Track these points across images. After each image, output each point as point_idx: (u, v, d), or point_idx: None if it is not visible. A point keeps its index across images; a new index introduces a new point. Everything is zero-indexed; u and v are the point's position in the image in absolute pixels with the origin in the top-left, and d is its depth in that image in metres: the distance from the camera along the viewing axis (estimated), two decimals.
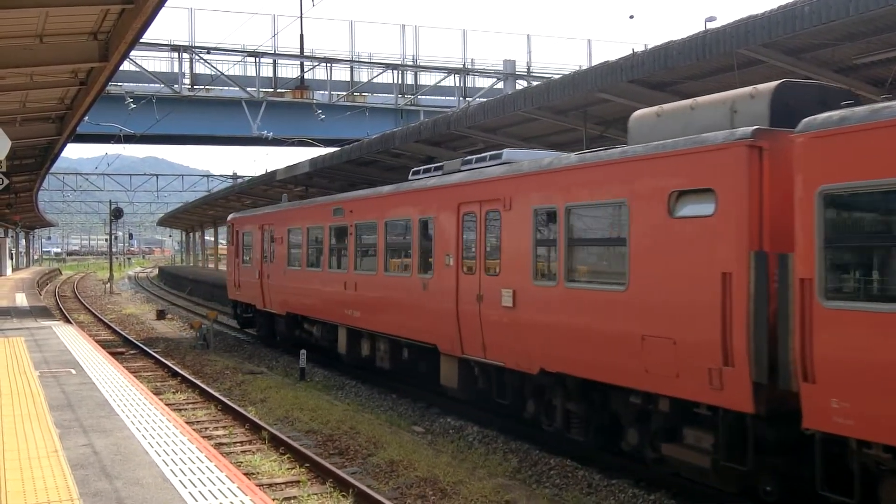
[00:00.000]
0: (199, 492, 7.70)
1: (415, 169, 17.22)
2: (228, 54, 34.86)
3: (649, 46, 14.58)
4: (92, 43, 16.38)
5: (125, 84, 35.94)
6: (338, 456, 12.80)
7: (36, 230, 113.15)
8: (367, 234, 18.69)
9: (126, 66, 25.08)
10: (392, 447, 12.73)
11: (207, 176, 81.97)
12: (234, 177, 71.45)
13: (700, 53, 12.54)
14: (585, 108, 17.11)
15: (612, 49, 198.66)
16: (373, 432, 13.83)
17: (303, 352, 20.91)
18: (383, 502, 9.90)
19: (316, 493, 10.62)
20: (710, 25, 17.04)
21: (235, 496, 7.62)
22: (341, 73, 41.59)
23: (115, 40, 15.83)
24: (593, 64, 16.80)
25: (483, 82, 40.21)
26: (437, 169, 16.32)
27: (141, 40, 16.37)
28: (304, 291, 22.35)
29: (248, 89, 34.82)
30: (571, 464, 12.03)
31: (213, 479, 8.13)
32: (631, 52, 14.58)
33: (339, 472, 11.24)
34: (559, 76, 19.33)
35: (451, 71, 38.82)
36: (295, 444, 12.76)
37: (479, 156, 15.03)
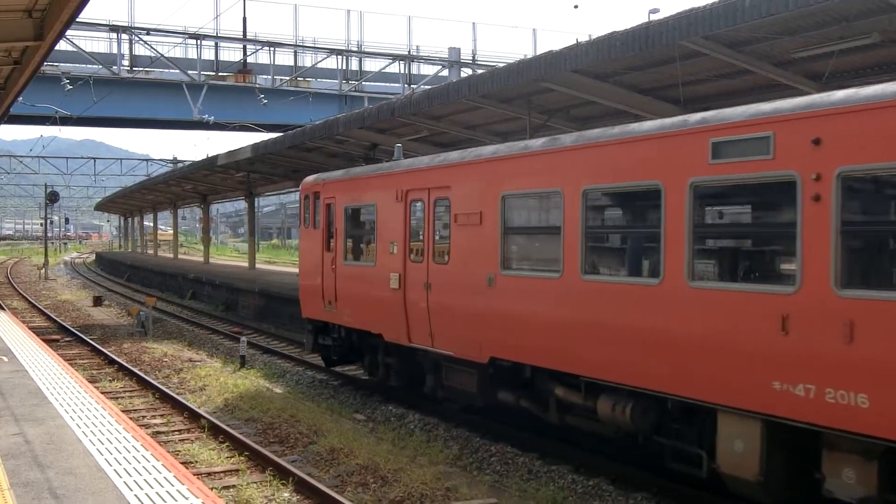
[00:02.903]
0: (135, 481, 7.56)
1: None
2: (169, 36, 34.32)
3: (593, 37, 14.66)
4: (26, 21, 15.89)
5: (62, 64, 35.15)
6: (278, 444, 12.70)
7: None
8: None
9: (62, 45, 24.51)
10: (333, 435, 12.66)
11: (147, 160, 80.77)
12: (175, 161, 70.44)
13: (643, 45, 12.63)
14: (529, 97, 17.16)
15: (557, 38, 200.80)
16: (314, 420, 13.75)
17: (243, 339, 20.68)
18: (323, 490, 9.85)
19: (255, 482, 10.52)
20: (654, 17, 17.23)
21: (172, 485, 7.50)
22: (285, 58, 41.15)
23: (50, 18, 15.39)
24: (538, 53, 16.85)
25: (428, 69, 40.11)
26: None
27: (78, 19, 15.93)
28: (564, 325, 10.67)
29: (189, 72, 34.23)
30: (512, 450, 12.09)
31: (150, 469, 8.00)
32: (575, 42, 14.64)
33: (278, 460, 11.15)
34: (504, 65, 19.36)
35: (395, 57, 38.63)
36: (234, 433, 12.62)
37: None
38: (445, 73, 36.67)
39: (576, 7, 37.25)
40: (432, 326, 13.42)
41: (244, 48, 36.01)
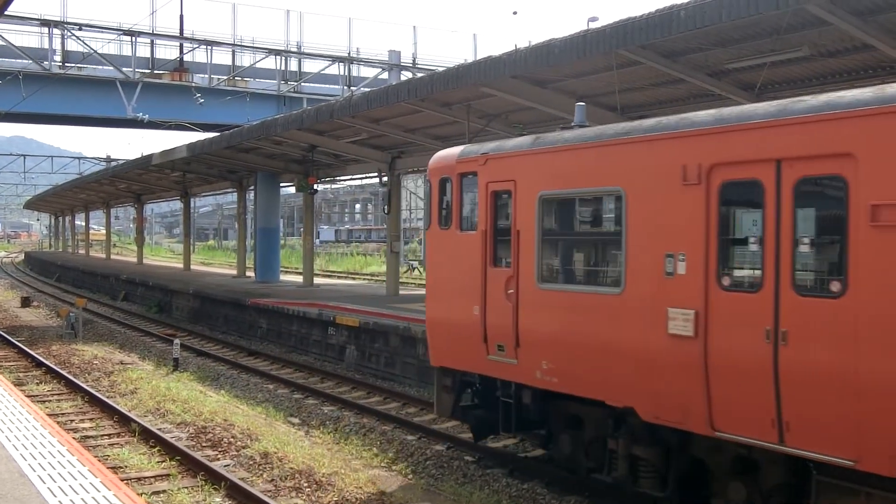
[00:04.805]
0: (60, 487, 7.37)
1: None
2: (103, 32, 33.61)
3: (533, 43, 14.77)
4: None
5: None
6: (210, 448, 12.49)
7: None
8: None
9: None
10: (267, 439, 12.51)
11: (79, 158, 79.16)
12: (108, 160, 69.12)
13: (581, 52, 12.77)
14: (469, 102, 17.22)
15: (497, 44, 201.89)
16: (247, 424, 13.56)
17: (176, 341, 20.35)
18: (256, 495, 9.72)
19: (187, 487, 10.33)
20: (593, 25, 17.42)
21: (98, 491, 7.33)
22: (222, 57, 40.70)
23: None
24: (478, 58, 16.92)
25: (368, 72, 40.04)
26: None
27: (7, 12, 15.54)
28: None
29: (124, 69, 33.62)
30: (448, 453, 12.10)
31: (75, 474, 7.80)
32: (514, 48, 14.73)
33: (210, 464, 10.97)
34: (444, 69, 19.40)
35: (335, 59, 38.47)
36: (165, 437, 12.39)
37: None
38: (385, 75, 36.67)
39: (515, 13, 37.55)
40: (785, 409, 7.44)
41: (181, 46, 35.56)
